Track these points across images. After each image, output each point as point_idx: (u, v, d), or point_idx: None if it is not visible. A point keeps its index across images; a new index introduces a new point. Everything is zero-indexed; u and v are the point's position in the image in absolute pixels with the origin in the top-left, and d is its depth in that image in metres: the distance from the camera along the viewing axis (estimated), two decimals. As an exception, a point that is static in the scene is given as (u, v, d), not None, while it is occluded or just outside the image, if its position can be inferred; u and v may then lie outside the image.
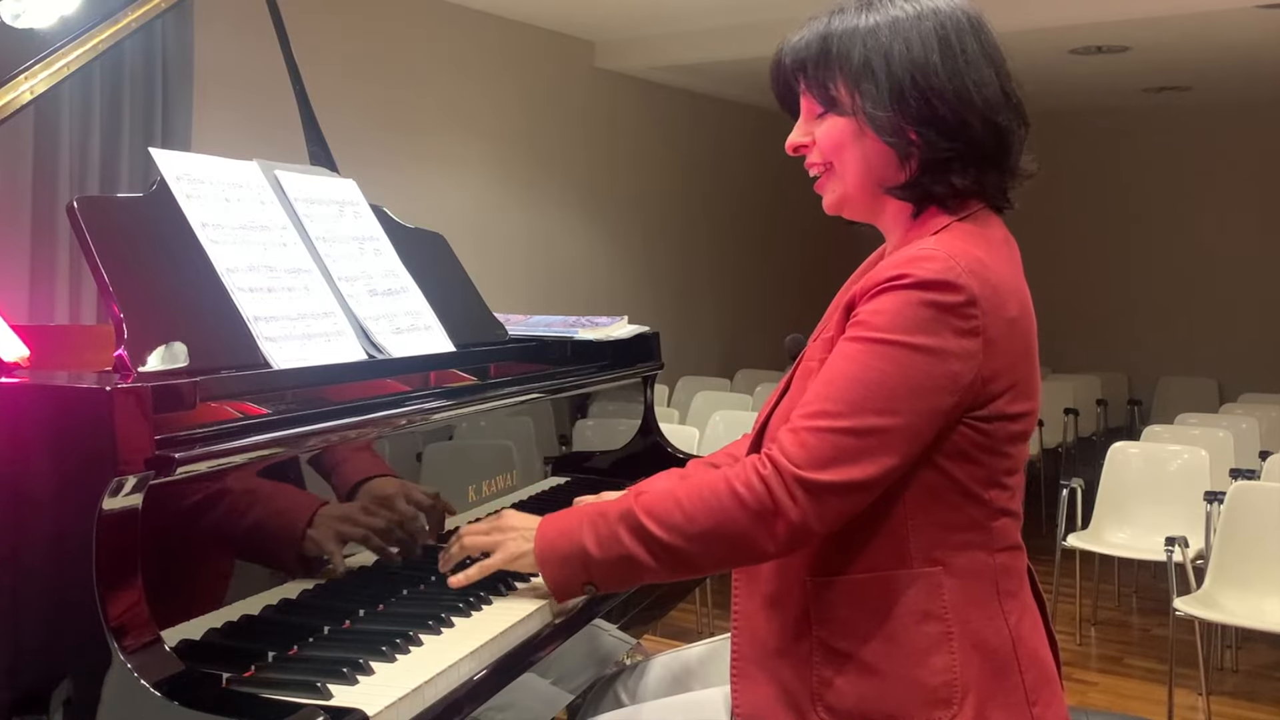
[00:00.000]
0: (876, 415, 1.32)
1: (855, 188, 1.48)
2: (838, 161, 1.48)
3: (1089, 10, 5.45)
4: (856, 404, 1.33)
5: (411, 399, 1.71)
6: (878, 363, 1.33)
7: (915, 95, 1.39)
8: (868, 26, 1.42)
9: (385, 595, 1.59)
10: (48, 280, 4.02)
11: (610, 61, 6.87)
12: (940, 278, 1.33)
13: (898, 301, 1.34)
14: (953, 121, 1.40)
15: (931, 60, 1.40)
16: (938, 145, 1.40)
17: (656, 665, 1.79)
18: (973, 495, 1.40)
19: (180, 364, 1.39)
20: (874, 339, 1.34)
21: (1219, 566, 3.66)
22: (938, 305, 1.33)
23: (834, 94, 1.45)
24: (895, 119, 1.40)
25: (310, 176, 1.88)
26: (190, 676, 1.18)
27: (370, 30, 5.45)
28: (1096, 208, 8.35)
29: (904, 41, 1.41)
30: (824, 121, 1.47)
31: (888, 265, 1.37)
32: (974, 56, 1.42)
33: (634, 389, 2.48)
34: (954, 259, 1.34)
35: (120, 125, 4.21)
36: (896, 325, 1.33)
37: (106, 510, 1.16)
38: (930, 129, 1.40)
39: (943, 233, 1.41)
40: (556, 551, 1.47)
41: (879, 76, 1.40)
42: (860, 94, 1.42)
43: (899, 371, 1.32)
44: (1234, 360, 7.87)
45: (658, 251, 7.47)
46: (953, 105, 1.40)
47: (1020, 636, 1.43)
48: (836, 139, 1.46)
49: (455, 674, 1.38)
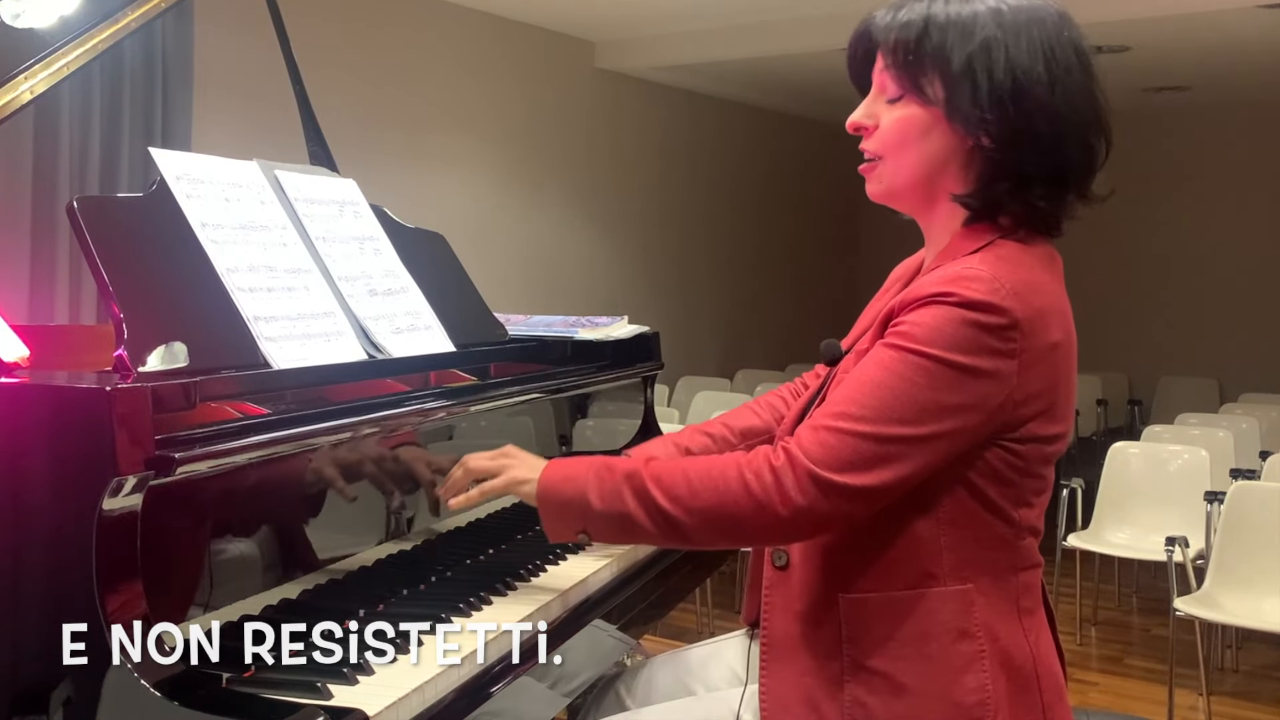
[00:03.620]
0: (900, 425, 1.30)
1: (909, 182, 1.42)
2: (898, 152, 1.41)
3: (1089, 10, 5.40)
4: (882, 411, 1.30)
5: (411, 399, 1.71)
6: (910, 373, 1.31)
7: (1014, 105, 1.34)
8: (974, 18, 1.36)
9: (385, 595, 1.59)
10: (48, 280, 4.02)
11: (610, 61, 6.87)
12: (985, 299, 1.30)
13: (939, 317, 1.31)
14: (1049, 138, 1.36)
15: (1037, 70, 1.34)
16: (1027, 160, 1.36)
17: (658, 666, 1.79)
18: (1003, 514, 1.39)
19: (180, 364, 1.39)
20: (909, 349, 1.31)
21: (1219, 566, 3.66)
22: (979, 325, 1.30)
23: (922, 83, 1.38)
24: (988, 125, 1.35)
25: (310, 176, 1.88)
26: (190, 676, 1.18)
27: (370, 30, 5.45)
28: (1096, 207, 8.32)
29: (1012, 44, 1.35)
30: (897, 107, 1.41)
31: (932, 281, 1.34)
32: (1074, 73, 1.37)
33: (634, 389, 2.48)
34: (1000, 281, 1.31)
35: (120, 125, 4.21)
36: (935, 340, 1.30)
37: (106, 510, 1.16)
38: (1024, 142, 1.35)
39: (988, 250, 1.37)
40: (559, 494, 1.47)
41: (980, 78, 1.34)
42: (956, 92, 1.35)
43: (929, 384, 1.30)
44: (1234, 360, 7.87)
45: (658, 251, 7.47)
46: (1052, 121, 1.35)
47: (1039, 654, 1.42)
48: (905, 129, 1.40)
49: (455, 674, 1.38)
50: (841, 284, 8.87)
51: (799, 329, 8.29)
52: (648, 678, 1.77)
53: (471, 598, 1.58)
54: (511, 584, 1.67)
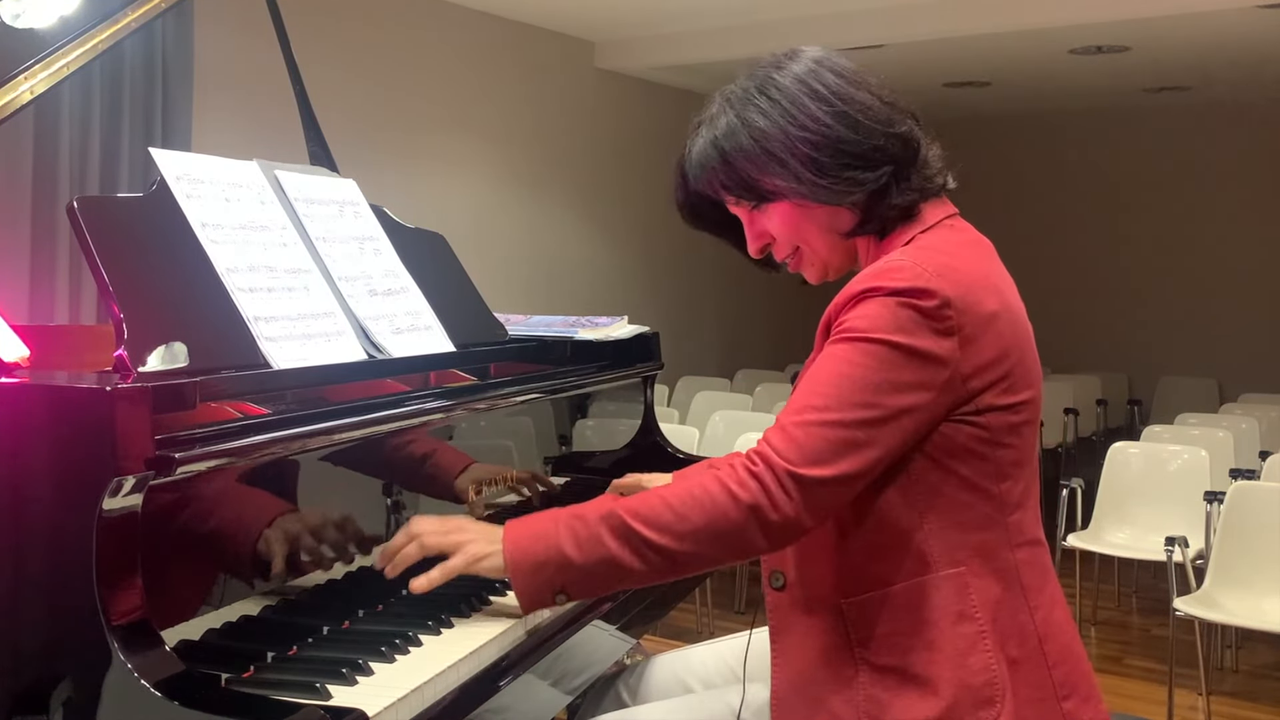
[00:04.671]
0: (860, 408, 1.34)
1: (828, 252, 1.53)
2: (803, 240, 1.52)
3: (1089, 10, 5.45)
4: (840, 399, 1.35)
5: (411, 399, 1.71)
6: (858, 358, 1.36)
7: (825, 151, 1.44)
8: (741, 120, 1.47)
9: (385, 595, 1.59)
10: (48, 280, 4.02)
11: (610, 61, 6.87)
12: (912, 284, 1.36)
13: (874, 307, 1.37)
14: (868, 153, 1.44)
15: (815, 115, 1.44)
16: (869, 179, 1.44)
17: (658, 665, 1.79)
18: (982, 490, 1.41)
19: (180, 364, 1.39)
20: (854, 337, 1.37)
21: (1219, 566, 3.66)
22: (913, 308, 1.36)
23: (761, 188, 1.48)
24: (823, 180, 1.44)
25: (310, 176, 1.88)
26: (190, 677, 1.18)
27: (370, 30, 5.45)
28: (1096, 208, 8.34)
29: (781, 114, 1.45)
30: (765, 214, 1.52)
31: (859, 279, 1.41)
32: (842, 90, 1.46)
33: (634, 389, 2.48)
34: (921, 265, 1.38)
35: (120, 125, 4.21)
36: (876, 326, 1.36)
37: (106, 510, 1.16)
38: (855, 171, 1.44)
39: (908, 246, 1.45)
40: (529, 555, 1.39)
41: (785, 155, 1.45)
42: (781, 177, 1.45)
43: (879, 366, 1.35)
44: (1234, 360, 7.87)
45: (658, 251, 7.47)
46: (857, 140, 1.44)
47: (1048, 632, 1.43)
48: (791, 222, 1.51)
49: (455, 674, 1.38)
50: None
51: (799, 329, 8.27)
52: (647, 676, 1.77)
53: (471, 598, 1.59)
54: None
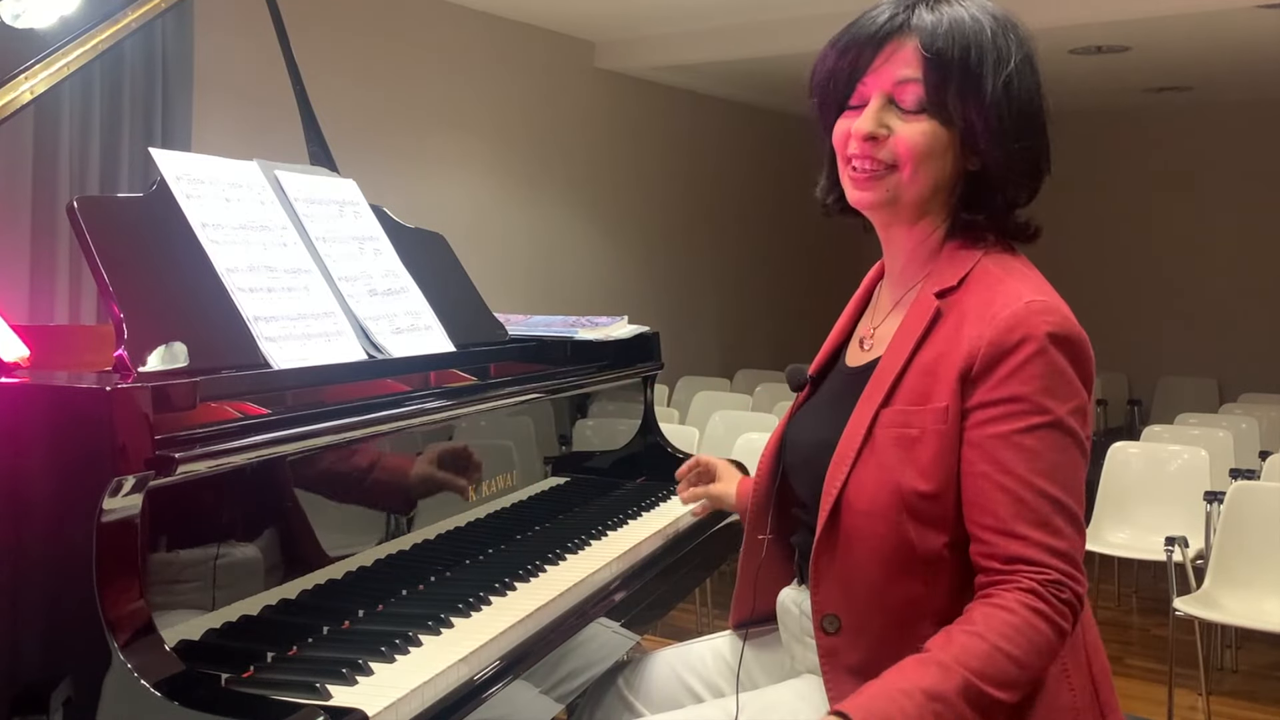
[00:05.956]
0: (1080, 500, 1.32)
1: (917, 198, 1.41)
2: (917, 167, 1.39)
3: (1089, 10, 5.45)
4: (1072, 498, 1.30)
5: (411, 399, 1.71)
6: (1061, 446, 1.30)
7: (1019, 138, 1.38)
8: (1006, 49, 1.38)
9: (385, 595, 1.59)
10: (48, 280, 4.02)
11: (610, 61, 6.87)
12: (1067, 331, 1.32)
13: (1049, 370, 1.30)
14: (1036, 159, 1.40)
15: (1038, 102, 1.40)
16: (1018, 185, 1.41)
17: (658, 661, 1.78)
18: None
19: (180, 364, 1.39)
20: (1047, 423, 1.30)
21: (1219, 566, 3.65)
22: (1075, 359, 1.32)
23: (949, 101, 1.37)
24: (997, 154, 1.38)
25: (310, 176, 1.88)
26: (189, 677, 1.18)
27: (370, 30, 5.45)
28: (1096, 208, 8.34)
29: (1027, 75, 1.39)
30: (916, 121, 1.39)
31: (1007, 328, 1.32)
32: (1038, 91, 1.41)
33: (634, 389, 2.48)
34: (1062, 306, 1.34)
35: (120, 125, 4.21)
36: (1053, 394, 1.30)
37: (106, 510, 1.16)
38: (1017, 169, 1.39)
39: (992, 271, 1.39)
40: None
41: (1005, 111, 1.37)
42: (981, 121, 1.37)
43: (1075, 444, 1.31)
44: (1234, 360, 7.87)
45: (658, 251, 7.47)
46: (1041, 148, 1.40)
47: (1093, 655, 1.41)
48: (926, 146, 1.38)
49: (455, 674, 1.38)
50: (842, 284, 8.82)
51: (799, 329, 8.28)
52: (647, 673, 1.77)
53: (471, 598, 1.58)
54: (511, 584, 1.67)
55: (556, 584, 1.70)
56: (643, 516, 2.15)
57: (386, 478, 1.67)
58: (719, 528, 2.25)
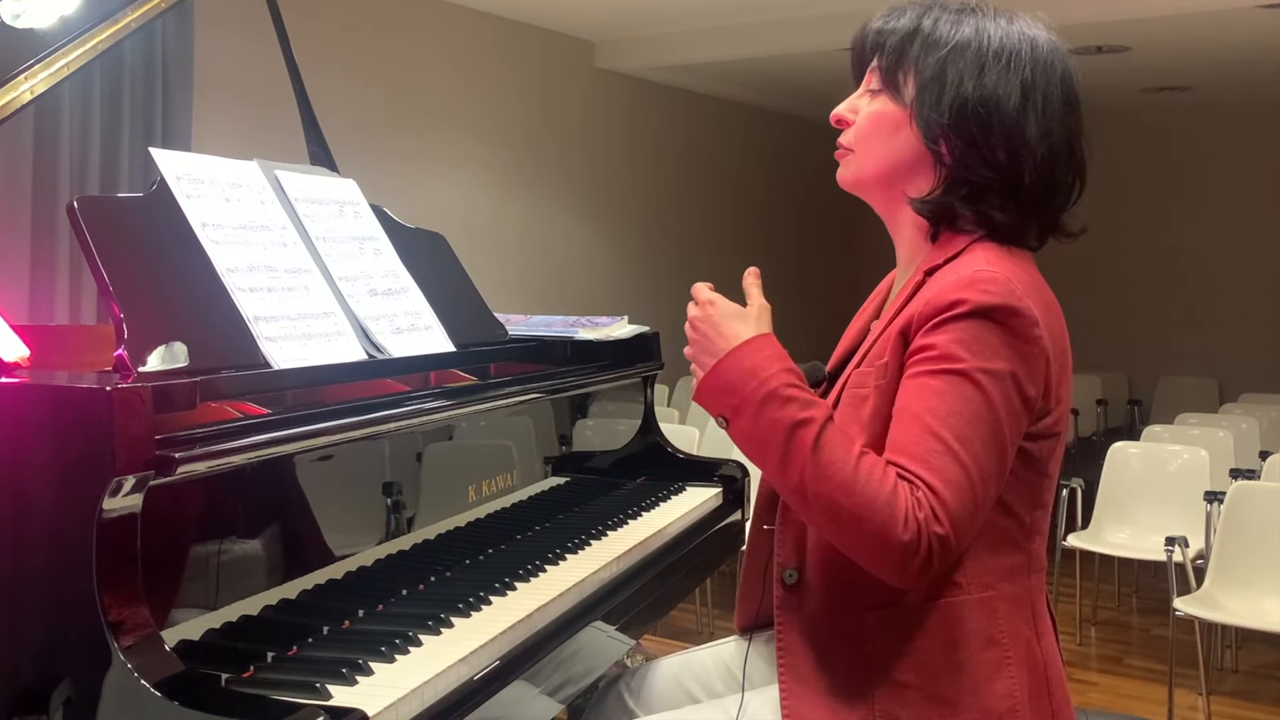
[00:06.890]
0: (998, 459, 1.31)
1: (874, 176, 1.49)
2: (866, 144, 1.48)
3: (1089, 10, 5.45)
4: (978, 451, 1.29)
5: (411, 399, 1.71)
6: (964, 395, 1.30)
7: (975, 121, 1.39)
8: (958, 35, 1.42)
9: (385, 595, 1.59)
10: (48, 280, 4.01)
11: (610, 61, 6.87)
12: (1005, 303, 1.32)
13: (972, 330, 1.31)
14: (1004, 159, 1.40)
15: (1007, 95, 1.40)
16: (978, 175, 1.40)
17: (660, 669, 1.78)
18: (1016, 517, 1.40)
19: (180, 364, 1.39)
20: (953, 370, 1.31)
21: (1219, 566, 3.66)
22: (1009, 330, 1.32)
23: (899, 81, 1.45)
24: (946, 134, 1.41)
25: (310, 176, 1.88)
26: (189, 677, 1.18)
27: (370, 30, 5.45)
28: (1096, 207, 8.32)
29: (989, 64, 1.40)
30: (875, 101, 1.48)
31: (948, 289, 1.34)
32: (1053, 106, 1.42)
33: (634, 389, 2.48)
34: (1011, 281, 1.34)
35: (120, 125, 4.21)
36: (968, 348, 1.31)
37: (106, 510, 1.16)
38: (974, 152, 1.40)
39: (975, 251, 1.40)
40: (725, 381, 1.38)
41: (948, 87, 1.41)
42: (923, 96, 1.42)
43: (1004, 400, 1.31)
44: (1234, 360, 7.87)
45: (658, 251, 7.47)
46: (1011, 146, 1.40)
47: (1049, 658, 1.43)
48: (877, 123, 1.47)
49: (455, 674, 1.38)
50: (842, 284, 8.86)
51: (800, 329, 8.27)
52: (649, 680, 1.77)
53: (471, 598, 1.58)
54: (511, 584, 1.66)
55: (556, 584, 1.70)
56: (643, 516, 2.15)
57: (386, 478, 1.67)
58: (719, 528, 2.25)
